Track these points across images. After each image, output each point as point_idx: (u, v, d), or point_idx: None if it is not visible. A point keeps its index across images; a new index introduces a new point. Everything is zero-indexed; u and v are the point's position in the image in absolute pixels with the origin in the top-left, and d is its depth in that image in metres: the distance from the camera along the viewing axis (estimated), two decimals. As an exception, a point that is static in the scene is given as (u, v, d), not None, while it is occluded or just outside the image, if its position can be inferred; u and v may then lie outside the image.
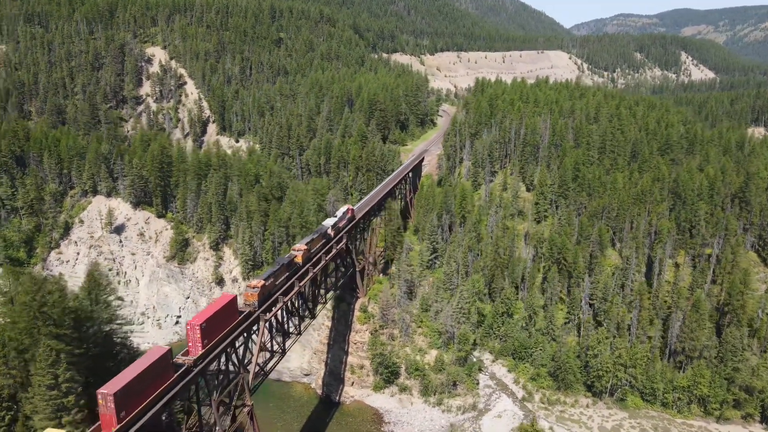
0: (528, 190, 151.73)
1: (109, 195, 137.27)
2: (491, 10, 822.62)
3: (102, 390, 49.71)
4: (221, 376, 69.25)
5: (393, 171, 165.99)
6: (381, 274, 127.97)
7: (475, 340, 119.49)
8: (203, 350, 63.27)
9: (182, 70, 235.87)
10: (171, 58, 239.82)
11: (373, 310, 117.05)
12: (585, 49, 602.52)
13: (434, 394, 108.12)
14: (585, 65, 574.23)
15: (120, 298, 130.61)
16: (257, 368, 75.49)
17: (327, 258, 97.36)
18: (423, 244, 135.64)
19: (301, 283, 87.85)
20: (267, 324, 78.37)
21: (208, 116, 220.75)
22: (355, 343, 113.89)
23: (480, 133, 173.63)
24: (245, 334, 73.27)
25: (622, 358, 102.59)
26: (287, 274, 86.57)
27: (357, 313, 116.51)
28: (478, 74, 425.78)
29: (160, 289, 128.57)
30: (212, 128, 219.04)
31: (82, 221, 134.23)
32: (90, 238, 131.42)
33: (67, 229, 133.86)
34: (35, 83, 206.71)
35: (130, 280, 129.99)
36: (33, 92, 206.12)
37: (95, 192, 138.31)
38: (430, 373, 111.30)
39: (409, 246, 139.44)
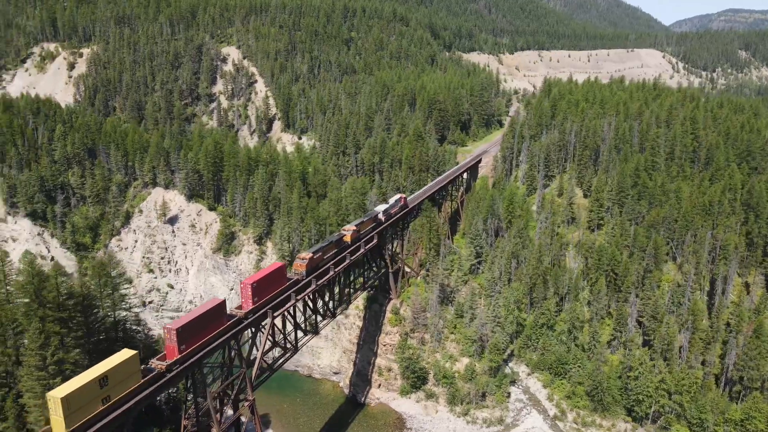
0: (585, 196, 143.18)
1: (166, 187, 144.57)
2: (580, 7, 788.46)
3: (168, 326, 61.38)
4: (224, 369, 70.36)
5: (445, 172, 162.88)
6: (419, 277, 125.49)
7: (512, 351, 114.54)
8: (253, 306, 73.63)
9: (253, 69, 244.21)
10: (244, 58, 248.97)
11: (405, 313, 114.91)
12: (681, 47, 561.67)
13: (461, 404, 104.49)
14: (680, 64, 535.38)
15: (170, 285, 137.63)
16: (263, 363, 75.90)
17: (366, 247, 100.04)
18: (467, 248, 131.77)
19: (337, 269, 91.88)
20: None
21: (275, 114, 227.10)
22: (384, 345, 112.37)
23: (539, 135, 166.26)
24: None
25: (666, 383, 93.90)
26: (335, 250, 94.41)
27: (388, 314, 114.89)
28: (559, 74, 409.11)
29: (207, 279, 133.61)
30: (277, 125, 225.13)
31: (141, 211, 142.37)
32: (147, 227, 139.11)
33: (127, 217, 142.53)
34: (119, 81, 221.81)
35: (180, 269, 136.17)
36: (117, 89, 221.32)
37: (155, 184, 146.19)
38: (459, 382, 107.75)
39: (455, 249, 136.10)
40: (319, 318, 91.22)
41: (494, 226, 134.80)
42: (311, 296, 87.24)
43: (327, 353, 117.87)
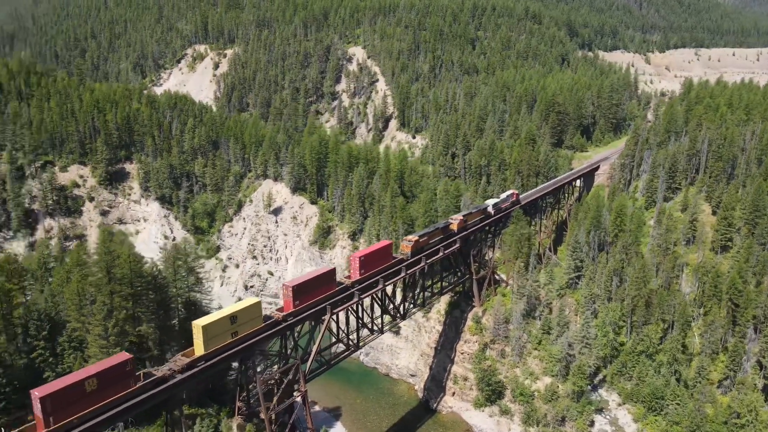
0: (714, 213, 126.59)
1: (275, 179, 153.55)
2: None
3: (286, 283, 73.91)
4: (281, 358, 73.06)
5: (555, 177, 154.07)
6: (507, 286, 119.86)
7: (605, 377, 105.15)
8: (360, 277, 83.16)
9: (376, 69, 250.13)
10: (368, 57, 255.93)
11: (487, 322, 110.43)
12: None
13: (537, 425, 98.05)
14: None
15: (270, 273, 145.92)
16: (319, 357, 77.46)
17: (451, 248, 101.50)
18: (566, 260, 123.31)
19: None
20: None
21: (392, 112, 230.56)
22: (462, 353, 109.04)
23: (666, 142, 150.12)
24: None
25: (780, 437, 79.97)
26: (441, 236, 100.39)
27: (469, 322, 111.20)
28: (719, 74, 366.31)
29: (303, 270, 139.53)
30: (393, 124, 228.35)
31: (251, 201, 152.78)
32: (254, 216, 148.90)
33: (240, 206, 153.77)
34: (253, 79, 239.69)
35: (280, 258, 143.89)
36: (251, 87, 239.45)
37: (265, 176, 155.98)
38: (538, 402, 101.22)
39: (556, 261, 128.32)
40: (387, 318, 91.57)
41: (598, 239, 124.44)
42: (381, 295, 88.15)
43: (405, 354, 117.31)
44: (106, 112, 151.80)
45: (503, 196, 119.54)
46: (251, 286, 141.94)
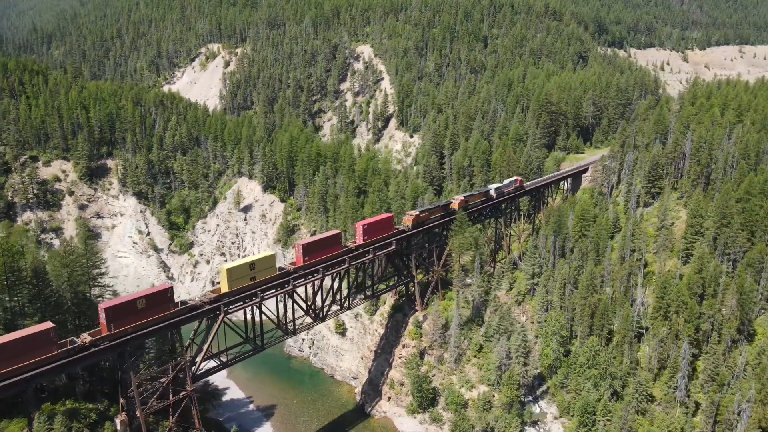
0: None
1: (250, 177, 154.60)
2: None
3: (297, 242, 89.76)
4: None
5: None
6: (459, 291, 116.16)
7: (548, 389, 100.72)
8: (363, 242, 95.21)
9: (382, 67, 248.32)
10: (375, 56, 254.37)
11: (428, 327, 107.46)
12: None
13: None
14: None
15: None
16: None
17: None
18: (525, 266, 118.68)
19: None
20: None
21: (392, 111, 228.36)
22: (400, 358, 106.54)
23: (652, 143, 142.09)
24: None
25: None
26: (441, 214, 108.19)
27: (410, 326, 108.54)
28: (763, 72, 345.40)
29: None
30: (393, 123, 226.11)
31: (225, 198, 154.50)
32: (227, 213, 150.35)
33: (215, 203, 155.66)
34: (258, 77, 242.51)
35: (248, 256, 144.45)
36: (255, 85, 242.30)
37: (240, 173, 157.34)
38: (472, 411, 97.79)
39: (521, 266, 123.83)
40: (335, 308, 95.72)
41: (559, 245, 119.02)
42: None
43: (349, 356, 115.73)
44: (89, 109, 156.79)
45: (506, 181, 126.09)
46: (218, 282, 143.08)
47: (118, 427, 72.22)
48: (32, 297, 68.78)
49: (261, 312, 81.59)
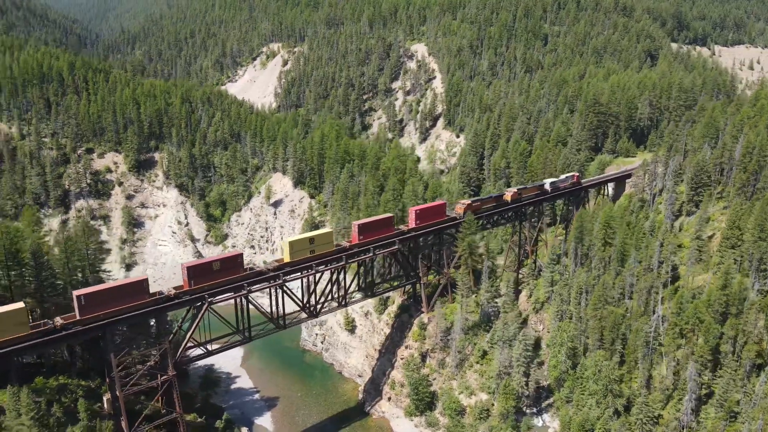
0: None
1: (284, 173, 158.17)
2: None
3: (355, 222, 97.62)
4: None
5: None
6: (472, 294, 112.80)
7: (553, 402, 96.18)
8: (415, 226, 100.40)
9: (435, 66, 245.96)
10: (429, 54, 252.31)
11: (432, 330, 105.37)
12: None
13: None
14: None
15: (265, 263, 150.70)
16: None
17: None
18: (545, 273, 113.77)
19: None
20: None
21: (441, 110, 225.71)
22: (402, 359, 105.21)
23: (701, 147, 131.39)
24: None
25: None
26: (493, 204, 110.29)
27: (414, 327, 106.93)
28: None
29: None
30: (440, 122, 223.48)
31: (259, 192, 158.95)
32: (259, 207, 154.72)
33: (249, 197, 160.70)
34: (311, 75, 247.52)
35: (276, 250, 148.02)
36: (308, 83, 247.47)
37: (275, 169, 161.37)
38: (469, 418, 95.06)
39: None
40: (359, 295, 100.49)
41: (582, 252, 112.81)
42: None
43: (357, 353, 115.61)
44: (140, 105, 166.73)
45: (563, 176, 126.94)
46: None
47: (105, 405, 76.52)
48: (29, 278, 74.18)
49: (316, 283, 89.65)
